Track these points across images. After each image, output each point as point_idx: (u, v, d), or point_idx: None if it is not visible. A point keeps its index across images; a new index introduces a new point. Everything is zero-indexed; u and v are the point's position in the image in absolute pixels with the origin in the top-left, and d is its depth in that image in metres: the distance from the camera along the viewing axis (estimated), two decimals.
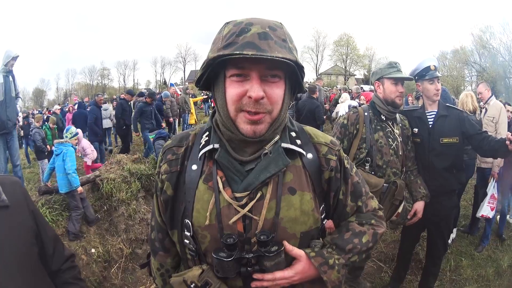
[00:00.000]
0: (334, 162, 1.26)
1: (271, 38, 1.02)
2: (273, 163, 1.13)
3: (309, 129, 1.32)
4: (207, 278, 1.16)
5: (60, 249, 1.54)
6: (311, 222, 1.20)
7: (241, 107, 1.06)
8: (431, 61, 3.03)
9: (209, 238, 1.16)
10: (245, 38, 1.01)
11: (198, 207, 1.17)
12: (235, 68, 1.05)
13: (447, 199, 3.17)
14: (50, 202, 5.10)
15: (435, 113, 3.09)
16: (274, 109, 1.09)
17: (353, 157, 2.84)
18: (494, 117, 4.95)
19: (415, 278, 4.02)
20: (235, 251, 1.10)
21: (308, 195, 1.19)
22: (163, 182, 1.26)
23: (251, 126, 1.08)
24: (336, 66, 54.13)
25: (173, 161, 1.26)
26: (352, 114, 2.90)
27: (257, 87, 1.03)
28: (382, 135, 2.82)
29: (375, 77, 2.94)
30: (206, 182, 1.18)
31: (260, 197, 1.13)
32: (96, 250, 5.05)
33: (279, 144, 1.17)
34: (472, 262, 4.46)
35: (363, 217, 1.34)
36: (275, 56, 0.98)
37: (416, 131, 3.11)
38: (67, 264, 1.55)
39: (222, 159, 1.16)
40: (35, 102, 53.43)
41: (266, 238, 1.09)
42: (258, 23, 1.05)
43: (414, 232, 3.52)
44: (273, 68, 1.04)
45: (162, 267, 1.40)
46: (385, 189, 2.79)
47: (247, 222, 1.14)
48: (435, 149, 3.04)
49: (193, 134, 1.30)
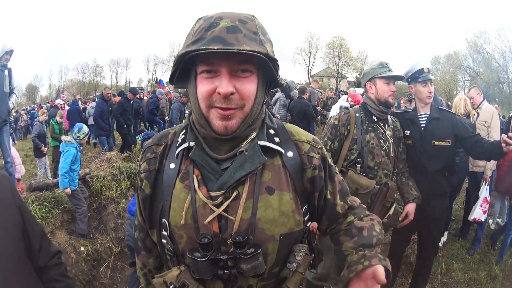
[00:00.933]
0: (317, 160, 1.22)
1: (240, 31, 0.99)
2: (249, 161, 1.10)
3: (290, 127, 1.28)
4: (183, 279, 1.14)
5: (46, 245, 1.51)
6: (291, 223, 1.15)
7: (212, 103, 1.04)
8: (424, 63, 3.03)
9: (186, 238, 1.13)
10: (213, 32, 0.98)
11: (174, 206, 1.14)
12: (204, 64, 1.02)
13: (438, 202, 3.17)
14: (40, 199, 5.06)
15: (428, 115, 3.08)
16: (246, 105, 1.06)
17: (344, 158, 2.82)
18: (486, 121, 4.98)
19: (406, 281, 4.03)
20: (210, 251, 1.07)
21: (288, 195, 1.15)
22: (142, 180, 1.25)
23: (223, 122, 1.05)
24: (328, 68, 53.96)
25: (151, 160, 1.24)
26: (343, 115, 2.88)
27: (226, 82, 1.00)
28: (373, 136, 2.80)
29: (367, 78, 2.92)
30: (183, 181, 1.15)
31: (236, 197, 1.10)
32: (85, 249, 5.02)
33: (256, 141, 1.13)
34: (463, 266, 4.49)
35: (358, 213, 1.32)
36: (242, 49, 0.94)
37: (408, 133, 3.10)
38: (53, 260, 1.52)
39: (197, 157, 1.13)
40: (27, 98, 52.95)
41: (242, 239, 1.05)
42: (228, 17, 1.02)
43: (404, 235, 3.51)
44: (243, 62, 1.01)
45: (145, 267, 1.38)
46: (377, 191, 2.76)
47: (223, 222, 1.11)
48: (427, 151, 3.04)
49: (173, 133, 1.28)
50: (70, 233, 5.05)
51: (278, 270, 1.20)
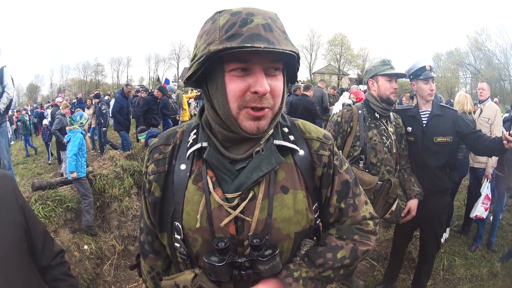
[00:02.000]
0: (327, 158, 1.20)
1: (274, 29, 0.97)
2: (266, 161, 1.08)
3: (301, 124, 1.26)
4: (200, 282, 1.12)
5: (49, 244, 1.52)
6: (305, 221, 1.15)
7: (245, 103, 0.99)
8: (426, 61, 3.05)
9: (201, 241, 1.11)
10: (250, 29, 0.93)
11: (188, 209, 1.11)
12: (238, 61, 0.97)
13: (440, 198, 3.19)
14: (43, 198, 5.04)
15: (429, 112, 3.10)
16: (276, 103, 1.04)
17: (347, 155, 2.84)
18: (489, 118, 4.98)
19: (408, 277, 4.03)
20: (227, 255, 1.05)
21: (301, 193, 1.14)
22: (151, 183, 1.20)
23: (255, 123, 1.02)
24: (329, 65, 53.87)
25: (160, 161, 1.20)
26: (346, 112, 2.90)
27: (263, 81, 0.97)
28: (376, 133, 2.83)
29: (369, 75, 2.94)
30: (196, 182, 1.12)
31: (252, 197, 1.08)
32: (88, 247, 5.01)
33: (272, 141, 1.12)
34: (465, 262, 4.49)
35: (344, 231, 1.22)
36: (284, 48, 0.92)
37: (410, 130, 3.12)
38: (56, 260, 1.53)
39: (211, 158, 1.10)
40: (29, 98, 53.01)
41: (259, 242, 1.03)
42: (258, 13, 0.98)
43: (407, 231, 3.53)
44: (275, 61, 0.99)
45: (152, 270, 1.35)
46: (379, 187, 2.78)
47: (239, 224, 1.09)
48: (428, 148, 3.06)
49: (181, 132, 1.24)
50: (74, 232, 5.04)
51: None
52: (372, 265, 4.44)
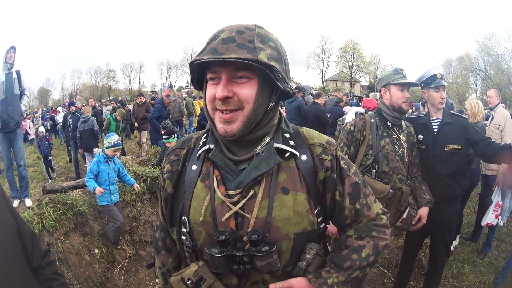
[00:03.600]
0: (329, 162, 1.27)
1: (234, 41, 1.08)
2: (265, 162, 1.16)
3: (305, 131, 1.34)
4: (202, 273, 1.21)
5: (37, 245, 1.54)
6: (305, 223, 1.21)
7: (215, 106, 1.15)
8: (437, 69, 3.06)
9: (204, 235, 1.21)
10: (212, 44, 1.09)
11: (194, 204, 1.23)
12: (210, 72, 1.14)
13: (450, 206, 3.19)
14: (54, 201, 5.10)
15: (440, 120, 3.11)
16: (245, 107, 1.13)
17: (360, 163, 2.86)
18: (500, 125, 4.96)
19: (418, 285, 4.03)
20: (226, 247, 1.14)
21: (302, 195, 1.21)
22: (165, 180, 1.34)
23: (224, 126, 1.14)
24: (342, 72, 53.80)
25: (175, 162, 1.34)
26: (359, 120, 2.92)
27: (221, 88, 1.10)
28: (388, 141, 2.84)
29: (382, 84, 2.96)
30: (203, 181, 1.24)
31: (252, 196, 1.17)
32: (99, 251, 5.05)
33: (272, 144, 1.21)
34: (474, 269, 4.47)
35: (362, 230, 1.30)
36: (227, 57, 1.04)
37: (421, 138, 3.13)
38: (45, 259, 1.55)
39: (215, 158, 1.22)
40: (40, 101, 53.30)
41: (257, 238, 1.11)
42: (228, 29, 1.13)
43: (417, 238, 3.52)
44: (239, 69, 1.10)
45: (163, 267, 1.45)
46: (391, 195, 2.79)
47: (239, 220, 1.17)
48: (439, 155, 3.07)
49: (196, 137, 1.38)
50: (84, 235, 5.09)
51: (291, 269, 1.25)
52: (382, 272, 4.44)
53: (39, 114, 23.57)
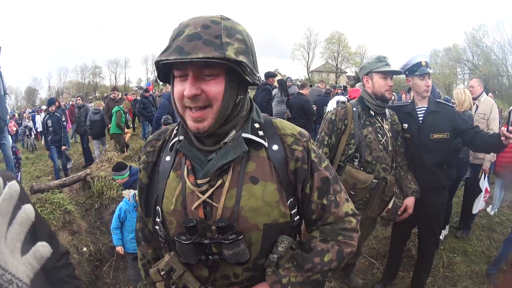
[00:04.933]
0: (300, 153, 1.25)
1: (200, 37, 1.05)
2: (232, 150, 1.16)
3: (278, 122, 1.32)
4: (171, 263, 1.23)
5: (55, 246, 1.45)
6: (275, 214, 1.19)
7: (185, 103, 1.12)
8: (422, 57, 3.02)
9: (175, 224, 1.22)
10: (178, 41, 1.06)
11: (167, 194, 1.24)
12: (176, 69, 1.12)
13: (437, 195, 3.17)
14: (42, 200, 5.05)
15: (425, 108, 3.08)
16: (214, 103, 1.12)
17: (342, 153, 2.82)
18: (485, 114, 4.97)
19: (408, 275, 4.02)
20: (195, 235, 1.14)
21: (272, 185, 1.19)
22: (141, 171, 1.37)
23: (195, 124, 1.13)
24: (327, 63, 53.85)
25: (150, 153, 1.36)
26: (340, 109, 2.86)
27: (189, 86, 1.08)
28: (371, 130, 2.80)
29: (364, 72, 2.91)
30: (176, 171, 1.25)
31: (220, 185, 1.17)
32: (87, 249, 5.02)
33: (240, 134, 1.20)
34: (465, 259, 4.47)
35: (327, 233, 1.28)
36: (195, 57, 1.01)
37: (406, 127, 3.10)
38: (61, 261, 1.50)
39: (184, 148, 1.23)
40: (27, 101, 52.87)
41: (224, 224, 1.11)
42: (193, 23, 1.08)
43: (404, 228, 3.51)
44: (205, 67, 1.08)
45: (144, 258, 1.48)
46: (375, 185, 2.77)
47: (208, 209, 1.18)
48: (425, 144, 3.04)
49: (171, 129, 1.38)
50: (72, 234, 5.05)
51: (263, 262, 1.24)
52: (371, 263, 4.43)
53: (28, 113, 23.21)
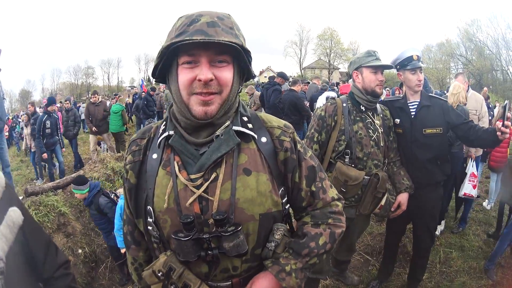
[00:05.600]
0: (288, 143, 1.30)
1: (218, 25, 1.11)
2: (224, 143, 1.18)
3: (263, 115, 1.38)
4: (170, 263, 1.20)
5: (52, 256, 1.43)
6: (269, 203, 1.23)
7: (192, 90, 1.13)
8: (414, 51, 2.99)
9: (170, 222, 1.20)
10: (195, 27, 1.10)
11: (158, 192, 1.22)
12: (186, 55, 1.12)
13: (431, 191, 3.14)
14: (36, 203, 5.03)
15: (418, 103, 3.05)
16: (223, 90, 1.16)
17: (332, 149, 2.77)
18: (476, 110, 4.97)
19: (404, 271, 4.02)
20: (192, 231, 1.14)
21: (264, 176, 1.23)
22: (128, 171, 1.34)
23: (203, 108, 1.14)
24: (320, 60, 54.50)
25: (136, 152, 1.33)
26: (330, 105, 2.82)
27: (206, 70, 1.10)
28: (361, 126, 2.76)
29: (354, 67, 2.85)
30: (165, 167, 1.24)
31: (214, 178, 1.17)
32: (82, 251, 5.00)
33: (230, 127, 1.22)
34: (462, 254, 4.45)
35: (318, 217, 1.34)
36: (222, 40, 1.06)
37: (398, 122, 3.07)
38: (59, 271, 1.44)
39: (176, 143, 1.22)
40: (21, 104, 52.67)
41: (222, 217, 1.11)
42: (207, 14, 1.14)
43: (399, 225, 3.49)
44: (220, 53, 1.12)
45: (135, 261, 1.44)
46: (367, 182, 2.74)
47: (204, 203, 1.18)
48: (417, 140, 3.00)
49: (155, 127, 1.37)
50: (67, 236, 5.03)
51: (260, 251, 1.27)
52: (366, 259, 4.42)
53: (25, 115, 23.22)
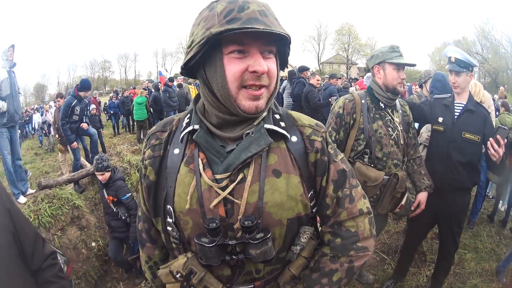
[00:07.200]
0: (319, 144, 1.20)
1: (269, 15, 1.01)
2: (255, 142, 1.09)
3: (294, 113, 1.28)
4: (191, 266, 1.14)
5: (39, 248, 1.48)
6: (299, 208, 1.15)
7: (243, 83, 1.02)
8: (452, 52, 2.91)
9: (191, 224, 1.12)
10: (247, 14, 0.98)
11: (179, 191, 1.13)
12: (236, 44, 1.00)
13: (460, 196, 3.05)
14: (50, 196, 5.07)
15: (463, 105, 2.97)
16: (271, 83, 1.08)
17: (351, 149, 2.69)
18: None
19: (418, 271, 3.99)
20: (218, 236, 1.06)
21: (295, 178, 1.14)
22: (146, 167, 1.23)
23: (254, 102, 1.05)
24: (338, 55, 54.01)
25: (156, 146, 1.22)
26: (348, 102, 2.70)
27: (261, 61, 1.01)
28: (381, 124, 2.66)
29: (376, 61, 2.72)
30: (188, 164, 1.14)
31: (241, 180, 1.09)
32: (96, 244, 5.04)
33: (262, 125, 1.13)
34: (475, 255, 4.39)
35: (338, 249, 1.20)
36: (281, 31, 0.98)
37: (440, 120, 2.99)
38: (47, 262, 1.49)
39: (201, 139, 1.12)
40: (36, 97, 53.34)
41: (251, 224, 1.03)
42: (253, 1, 1.02)
43: (423, 228, 3.42)
44: (268, 44, 1.03)
45: (150, 260, 1.38)
46: (386, 182, 2.66)
47: (229, 206, 1.09)
48: (455, 141, 2.92)
49: (177, 119, 1.27)
50: (81, 229, 5.07)
51: (285, 254, 1.20)
52: (382, 258, 4.38)
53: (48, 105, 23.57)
